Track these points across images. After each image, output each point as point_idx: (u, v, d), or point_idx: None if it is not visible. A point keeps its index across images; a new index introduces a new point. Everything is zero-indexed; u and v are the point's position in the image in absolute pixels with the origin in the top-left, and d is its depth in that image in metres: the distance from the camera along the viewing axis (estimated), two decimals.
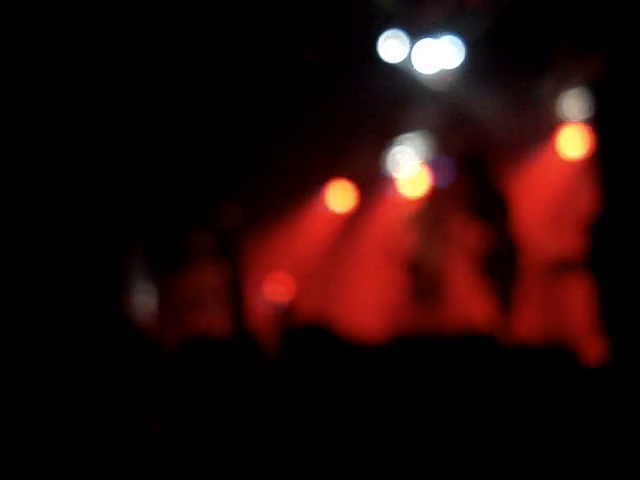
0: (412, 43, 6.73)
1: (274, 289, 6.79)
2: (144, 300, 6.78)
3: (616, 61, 4.00)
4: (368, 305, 7.21)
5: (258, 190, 7.15)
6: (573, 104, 6.25)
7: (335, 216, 8.28)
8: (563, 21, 5.32)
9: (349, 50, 6.56)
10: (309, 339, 2.70)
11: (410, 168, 7.72)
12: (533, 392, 2.08)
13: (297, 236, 7.11)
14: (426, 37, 6.52)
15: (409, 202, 5.86)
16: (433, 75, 6.54)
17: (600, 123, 4.11)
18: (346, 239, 8.07)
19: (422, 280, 5.49)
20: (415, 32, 6.66)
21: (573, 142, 6.38)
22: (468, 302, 6.05)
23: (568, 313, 4.91)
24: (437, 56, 6.46)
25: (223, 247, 6.91)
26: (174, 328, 6.78)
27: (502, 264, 4.76)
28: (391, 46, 6.54)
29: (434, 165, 6.81)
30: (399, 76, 6.79)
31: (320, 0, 6.00)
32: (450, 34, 6.36)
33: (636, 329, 3.48)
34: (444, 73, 6.43)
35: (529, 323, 4.69)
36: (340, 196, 8.23)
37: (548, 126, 6.58)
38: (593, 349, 3.36)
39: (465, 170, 4.99)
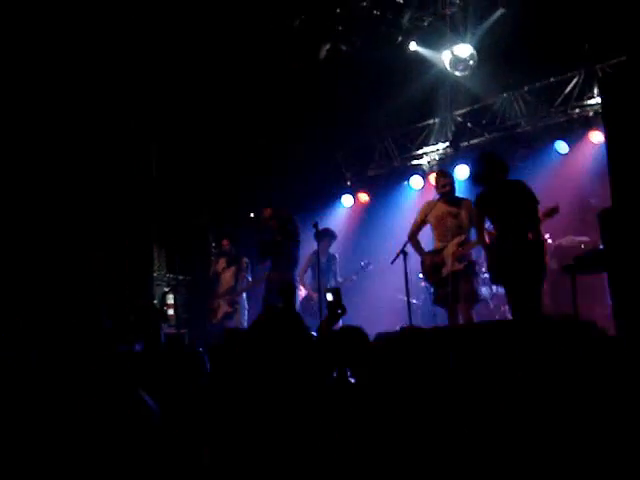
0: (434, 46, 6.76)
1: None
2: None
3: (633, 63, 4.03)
4: (379, 306, 7.25)
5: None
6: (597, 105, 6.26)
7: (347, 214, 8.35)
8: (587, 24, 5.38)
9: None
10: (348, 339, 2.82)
11: (427, 172, 7.78)
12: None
13: None
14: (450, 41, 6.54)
15: (425, 202, 5.85)
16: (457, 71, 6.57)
17: (613, 121, 4.11)
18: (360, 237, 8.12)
19: (436, 277, 5.47)
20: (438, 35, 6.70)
21: (596, 142, 6.41)
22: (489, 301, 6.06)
23: (587, 308, 4.90)
24: (462, 57, 6.48)
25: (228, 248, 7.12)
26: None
27: (521, 263, 4.71)
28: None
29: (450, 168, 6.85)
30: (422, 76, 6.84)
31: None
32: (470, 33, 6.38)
33: None
34: (468, 68, 6.46)
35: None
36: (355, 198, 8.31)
37: (573, 124, 6.60)
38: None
39: (485, 168, 4.97)
